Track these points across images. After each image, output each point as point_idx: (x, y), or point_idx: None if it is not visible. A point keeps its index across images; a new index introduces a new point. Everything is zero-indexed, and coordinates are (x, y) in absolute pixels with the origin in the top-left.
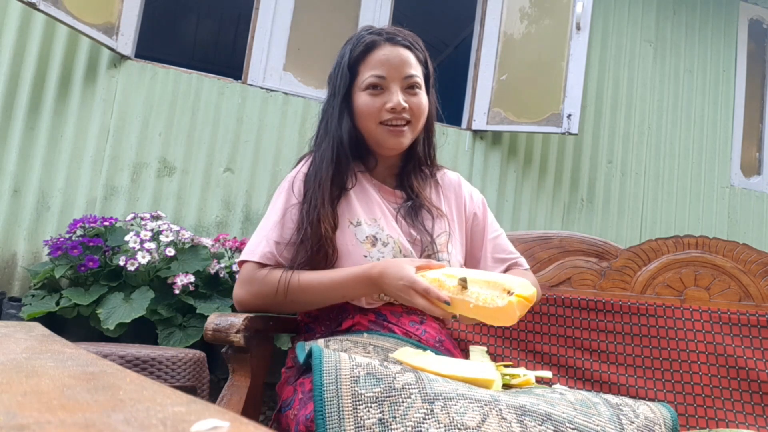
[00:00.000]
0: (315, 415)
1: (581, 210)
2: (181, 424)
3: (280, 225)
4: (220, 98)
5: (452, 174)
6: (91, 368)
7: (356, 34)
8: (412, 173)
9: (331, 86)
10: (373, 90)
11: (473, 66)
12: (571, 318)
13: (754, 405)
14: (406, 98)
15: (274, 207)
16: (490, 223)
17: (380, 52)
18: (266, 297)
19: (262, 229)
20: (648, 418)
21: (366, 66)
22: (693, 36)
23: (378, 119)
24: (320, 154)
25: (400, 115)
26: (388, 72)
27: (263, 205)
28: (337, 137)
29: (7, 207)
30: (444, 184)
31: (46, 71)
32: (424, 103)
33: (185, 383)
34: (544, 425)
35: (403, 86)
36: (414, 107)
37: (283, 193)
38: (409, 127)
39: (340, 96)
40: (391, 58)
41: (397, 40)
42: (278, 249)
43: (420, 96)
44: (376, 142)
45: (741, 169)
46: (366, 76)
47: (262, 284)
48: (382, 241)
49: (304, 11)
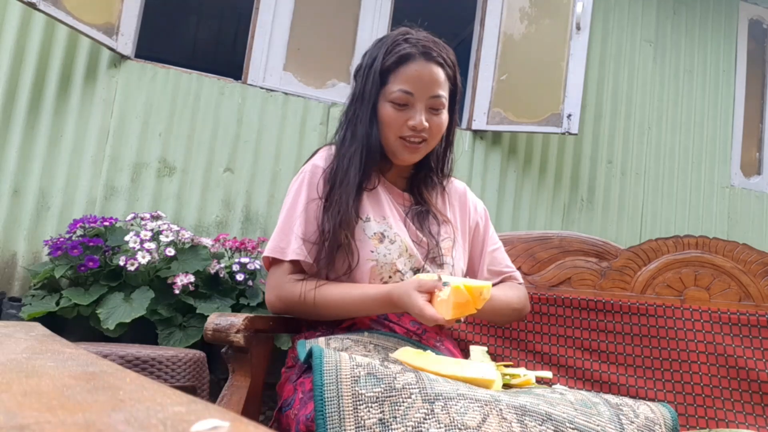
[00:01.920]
0: (315, 415)
1: (581, 210)
2: (181, 424)
3: (304, 220)
4: (220, 98)
5: (458, 183)
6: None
7: (392, 37)
8: (422, 181)
9: (360, 87)
10: (399, 105)
11: (473, 66)
12: (571, 318)
13: (754, 405)
14: (428, 117)
15: (296, 201)
16: (491, 236)
17: (413, 66)
18: (295, 306)
19: (286, 224)
20: (648, 418)
21: (396, 77)
22: (693, 36)
23: (398, 134)
24: (348, 158)
25: (419, 134)
26: (416, 89)
27: (263, 205)
28: (367, 145)
29: (7, 207)
30: (450, 192)
31: (46, 71)
32: (444, 123)
33: (185, 383)
34: (545, 425)
35: (427, 105)
36: (433, 126)
37: (305, 187)
38: (424, 144)
39: (370, 103)
40: (423, 75)
41: (432, 56)
42: (306, 246)
43: (441, 116)
44: (392, 151)
45: (741, 169)
46: (395, 89)
47: (290, 293)
48: (389, 238)
49: (304, 11)
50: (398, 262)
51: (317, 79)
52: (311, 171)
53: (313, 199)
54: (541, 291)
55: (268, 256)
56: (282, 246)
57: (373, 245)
